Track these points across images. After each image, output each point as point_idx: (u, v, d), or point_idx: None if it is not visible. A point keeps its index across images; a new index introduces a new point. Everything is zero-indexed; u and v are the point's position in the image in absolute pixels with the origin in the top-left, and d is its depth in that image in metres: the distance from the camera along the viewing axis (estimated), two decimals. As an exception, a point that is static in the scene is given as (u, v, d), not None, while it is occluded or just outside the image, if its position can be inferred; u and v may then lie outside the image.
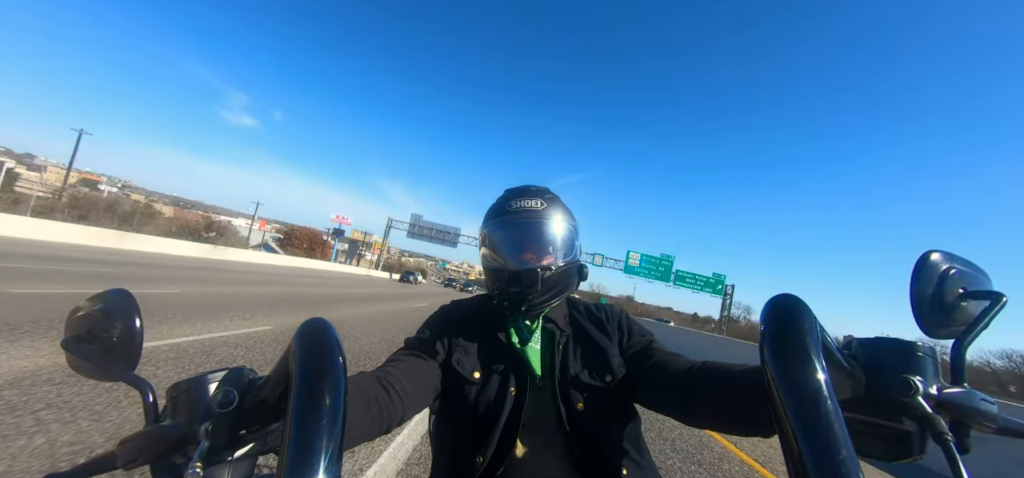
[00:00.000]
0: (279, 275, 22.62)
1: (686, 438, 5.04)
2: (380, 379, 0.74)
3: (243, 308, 8.53)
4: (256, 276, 18.65)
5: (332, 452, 0.34)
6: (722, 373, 0.71)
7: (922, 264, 0.57)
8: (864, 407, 0.50)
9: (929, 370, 0.49)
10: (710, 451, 4.79)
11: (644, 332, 0.95)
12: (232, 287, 12.13)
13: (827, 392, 0.35)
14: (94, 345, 0.53)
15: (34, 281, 7.29)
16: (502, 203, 0.95)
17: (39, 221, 19.33)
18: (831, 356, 0.44)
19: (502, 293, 0.89)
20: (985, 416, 0.49)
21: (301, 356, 0.39)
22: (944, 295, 0.56)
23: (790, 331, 0.39)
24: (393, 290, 29.07)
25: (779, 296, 0.42)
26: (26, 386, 3.18)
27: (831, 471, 0.31)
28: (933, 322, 0.57)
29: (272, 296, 11.75)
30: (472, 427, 0.81)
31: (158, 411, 0.50)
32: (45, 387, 3.22)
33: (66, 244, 16.94)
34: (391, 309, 14.70)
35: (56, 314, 5.18)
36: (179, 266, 16.27)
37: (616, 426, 0.85)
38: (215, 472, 0.48)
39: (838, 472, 0.31)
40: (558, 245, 0.92)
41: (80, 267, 10.39)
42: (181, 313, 6.77)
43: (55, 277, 8.22)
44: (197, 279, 12.63)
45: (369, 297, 18.30)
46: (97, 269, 10.62)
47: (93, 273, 9.80)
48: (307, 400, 0.36)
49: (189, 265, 17.92)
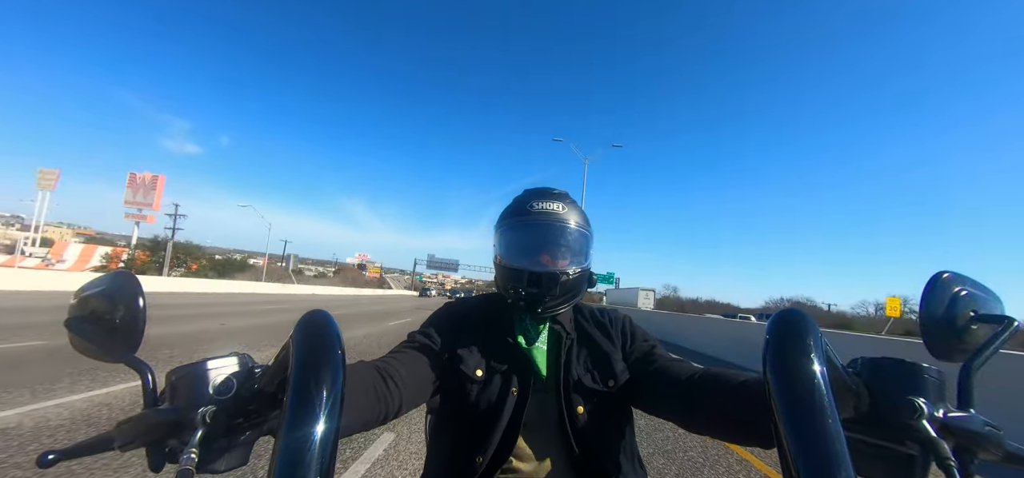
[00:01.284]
0: (346, 299, 32.91)
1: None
2: (379, 369, 0.74)
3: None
4: (338, 300, 28.78)
5: (328, 441, 0.34)
6: (724, 381, 0.71)
7: (933, 285, 0.56)
8: (867, 427, 0.49)
9: (935, 393, 0.48)
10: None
11: (647, 338, 0.95)
12: (343, 309, 20.10)
13: (829, 409, 0.34)
14: (97, 326, 0.53)
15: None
16: (523, 203, 0.93)
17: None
18: (835, 373, 0.43)
19: (518, 294, 0.88)
20: (991, 442, 0.48)
21: (300, 346, 0.39)
22: (955, 318, 0.55)
23: (793, 345, 0.39)
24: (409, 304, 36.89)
25: (785, 310, 0.42)
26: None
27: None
28: (942, 344, 0.56)
29: (368, 312, 19.55)
30: (473, 426, 0.81)
31: (157, 395, 0.50)
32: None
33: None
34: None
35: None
36: (278, 299, 24.21)
37: (616, 430, 0.85)
38: (211, 458, 0.48)
39: None
40: (576, 250, 0.92)
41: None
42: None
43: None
44: (306, 307, 18.61)
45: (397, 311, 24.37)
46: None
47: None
48: (305, 389, 0.36)
49: (281, 298, 24.66)
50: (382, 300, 39.14)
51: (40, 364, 5.25)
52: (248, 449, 0.53)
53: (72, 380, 4.63)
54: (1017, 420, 4.27)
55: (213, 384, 0.49)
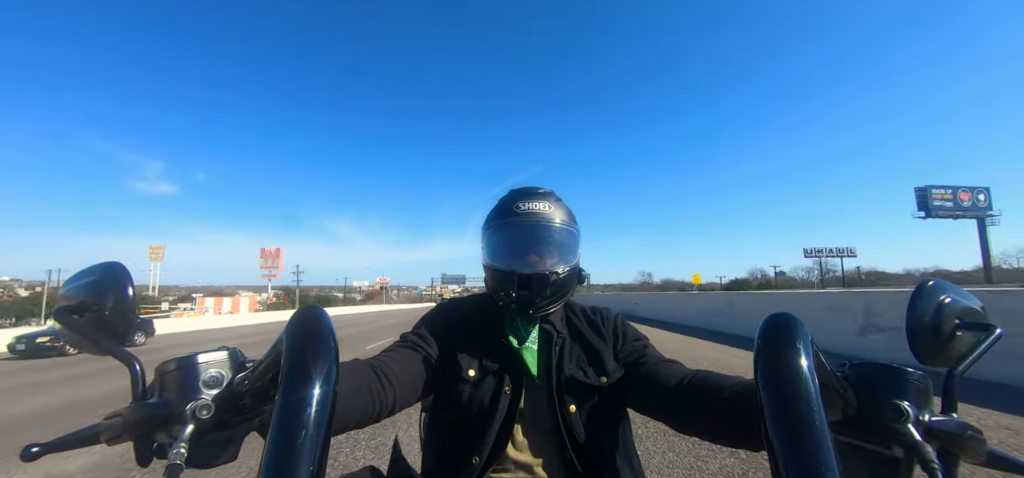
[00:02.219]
0: (384, 314, 40.60)
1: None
2: (374, 367, 0.75)
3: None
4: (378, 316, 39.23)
5: (320, 437, 0.34)
6: (714, 384, 0.71)
7: (919, 293, 0.58)
8: (854, 430, 0.50)
9: (921, 397, 0.49)
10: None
11: (639, 337, 0.95)
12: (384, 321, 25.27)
13: (817, 412, 0.35)
14: (85, 317, 0.52)
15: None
16: (509, 204, 0.93)
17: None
18: (824, 376, 0.44)
19: (509, 296, 0.88)
20: (974, 446, 0.49)
21: (293, 342, 0.39)
22: (940, 325, 0.57)
23: (783, 350, 0.39)
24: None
25: (775, 315, 0.43)
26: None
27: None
28: (927, 350, 0.57)
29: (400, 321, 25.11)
30: (466, 425, 0.81)
31: (145, 388, 0.50)
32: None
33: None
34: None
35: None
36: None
37: (609, 428, 0.85)
38: (200, 453, 0.48)
39: None
40: (565, 249, 0.92)
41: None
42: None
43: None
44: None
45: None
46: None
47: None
48: (297, 385, 0.35)
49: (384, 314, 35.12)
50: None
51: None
52: (238, 445, 0.53)
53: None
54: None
55: (203, 378, 0.48)
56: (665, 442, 3.59)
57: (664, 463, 3.22)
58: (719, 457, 3.25)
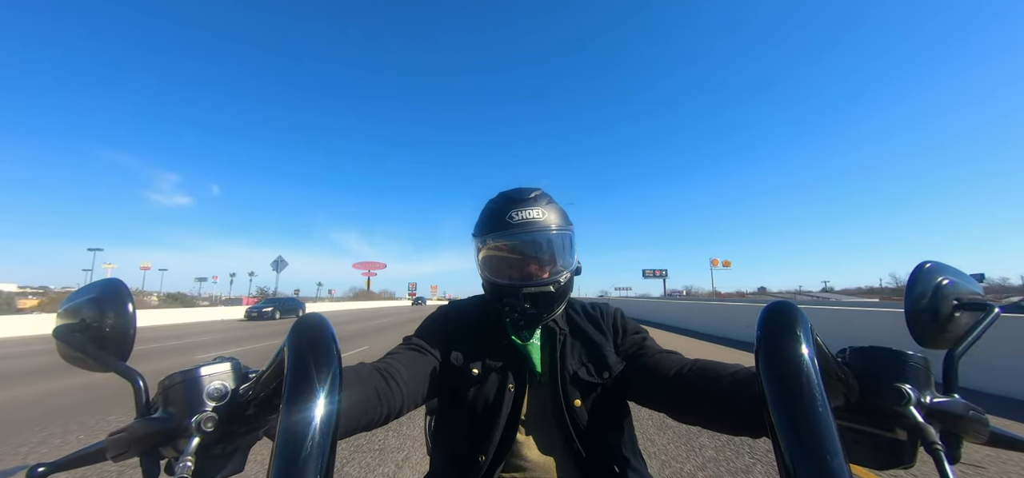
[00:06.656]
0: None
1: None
2: (380, 370, 0.75)
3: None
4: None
5: (326, 443, 0.34)
6: (714, 373, 0.72)
7: (916, 276, 0.58)
8: (856, 415, 0.50)
9: (922, 380, 0.49)
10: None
11: (638, 330, 0.96)
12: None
13: (820, 399, 0.35)
14: (86, 335, 0.52)
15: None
16: (501, 213, 0.88)
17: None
18: (825, 363, 0.44)
19: (514, 311, 0.86)
20: (977, 427, 0.49)
21: (295, 349, 0.39)
22: (938, 307, 0.57)
23: (785, 337, 0.40)
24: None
25: (775, 303, 0.44)
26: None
27: (821, 477, 0.31)
28: (927, 333, 0.58)
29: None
30: (472, 425, 0.82)
31: (149, 403, 0.50)
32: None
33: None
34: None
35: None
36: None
37: (613, 422, 0.86)
38: (206, 465, 0.48)
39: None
40: (564, 253, 0.91)
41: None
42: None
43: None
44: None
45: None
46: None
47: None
48: (301, 392, 0.36)
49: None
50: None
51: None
52: (244, 455, 0.52)
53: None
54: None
55: (207, 390, 0.48)
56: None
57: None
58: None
